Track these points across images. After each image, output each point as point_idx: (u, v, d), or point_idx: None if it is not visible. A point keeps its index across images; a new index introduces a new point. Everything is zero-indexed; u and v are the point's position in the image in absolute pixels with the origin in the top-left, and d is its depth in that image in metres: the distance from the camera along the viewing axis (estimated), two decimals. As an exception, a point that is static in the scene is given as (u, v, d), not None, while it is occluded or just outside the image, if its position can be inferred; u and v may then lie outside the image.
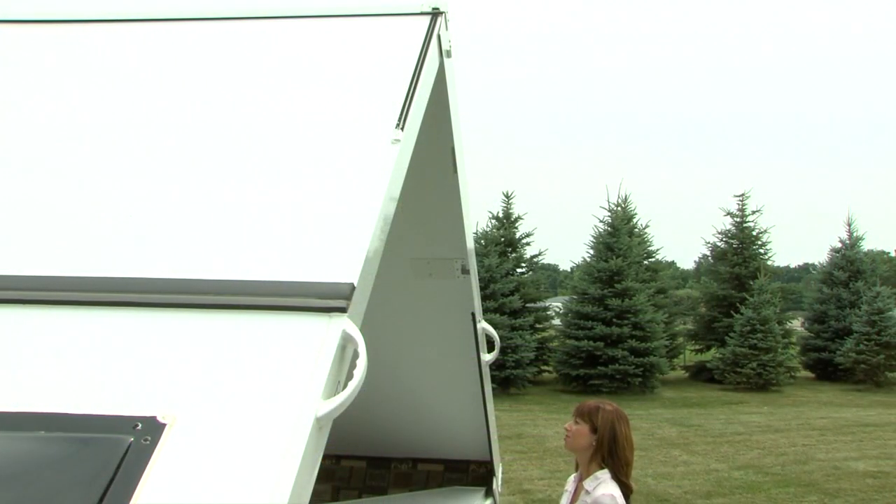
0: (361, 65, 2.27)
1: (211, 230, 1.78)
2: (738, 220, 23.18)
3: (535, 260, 22.08)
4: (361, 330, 1.58)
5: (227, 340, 1.55)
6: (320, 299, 1.57)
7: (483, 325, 3.42)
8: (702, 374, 21.87)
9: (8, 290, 1.63)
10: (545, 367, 20.96)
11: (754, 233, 23.00)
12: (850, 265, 23.14)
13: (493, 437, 3.86)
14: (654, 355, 18.80)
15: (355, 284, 1.59)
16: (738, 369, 19.77)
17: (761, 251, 22.85)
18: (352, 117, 2.10)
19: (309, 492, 1.42)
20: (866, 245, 24.37)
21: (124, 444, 1.34)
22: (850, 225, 23.90)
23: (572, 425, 3.33)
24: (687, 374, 22.87)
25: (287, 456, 1.34)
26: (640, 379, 18.55)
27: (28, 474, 1.32)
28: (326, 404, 1.43)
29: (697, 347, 23.34)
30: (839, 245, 23.97)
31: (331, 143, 2.03)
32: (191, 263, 1.70)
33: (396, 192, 1.93)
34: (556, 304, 24.19)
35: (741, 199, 23.16)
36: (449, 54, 2.38)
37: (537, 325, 20.97)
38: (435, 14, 2.31)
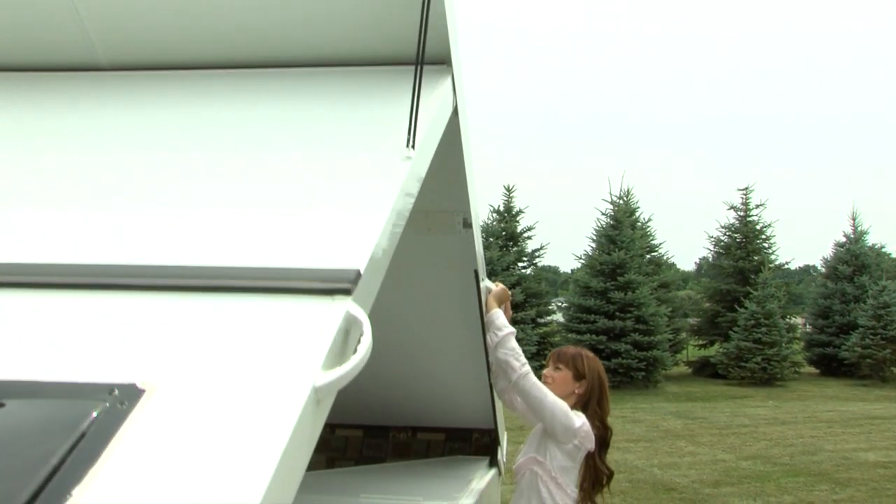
0: None
1: (224, 227, 1.83)
2: (741, 214, 22.92)
3: (536, 254, 21.84)
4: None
5: (225, 319, 1.54)
6: (324, 283, 1.57)
7: (486, 284, 3.19)
8: (705, 370, 21.62)
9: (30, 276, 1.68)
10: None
11: (758, 227, 22.74)
12: (855, 259, 22.90)
13: (499, 404, 3.64)
14: (658, 349, 18.55)
15: (361, 271, 1.59)
16: (743, 364, 19.53)
17: (765, 245, 22.60)
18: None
19: (303, 465, 1.37)
20: (870, 240, 24.11)
21: (97, 409, 1.29)
22: (854, 219, 23.68)
23: (552, 372, 3.13)
24: (690, 370, 22.61)
25: (279, 424, 1.28)
26: (643, 373, 18.31)
27: None
28: (326, 375, 1.39)
29: (701, 343, 23.08)
30: (843, 240, 23.74)
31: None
32: (201, 252, 1.73)
33: (413, 188, 1.98)
34: (558, 301, 23.92)
35: (745, 192, 22.93)
36: None
37: (539, 320, 20.73)
38: None
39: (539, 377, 3.08)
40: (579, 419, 2.97)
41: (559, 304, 22.35)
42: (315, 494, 2.68)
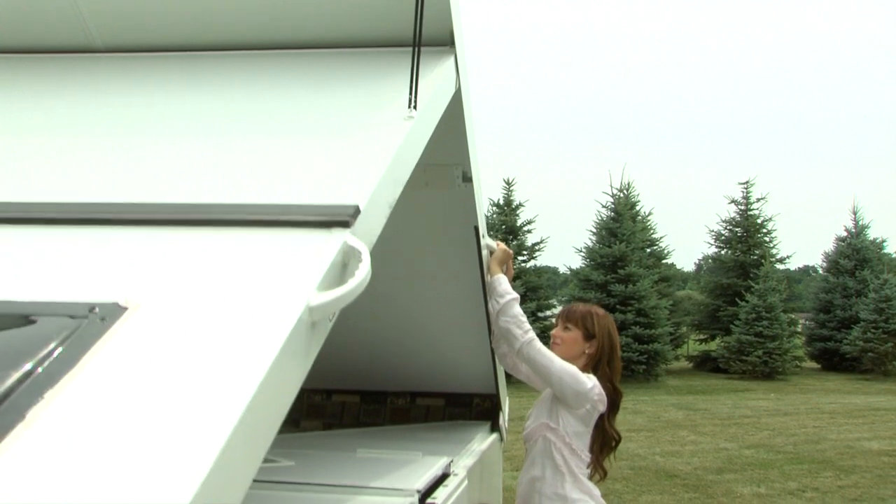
0: None
1: (227, 172, 1.86)
2: (742, 207, 22.79)
3: (536, 248, 21.70)
4: None
5: (220, 250, 1.53)
6: (322, 216, 1.57)
7: (487, 241, 3.08)
8: (706, 365, 21.51)
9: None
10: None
11: (759, 220, 22.62)
12: (856, 254, 22.78)
13: (500, 369, 3.54)
14: (658, 343, 18.44)
15: (361, 207, 1.59)
16: (744, 357, 19.42)
17: (766, 239, 22.47)
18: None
19: (294, 389, 1.32)
20: (871, 234, 23.96)
21: (76, 324, 1.29)
22: (855, 213, 23.57)
23: (561, 332, 3.00)
24: (691, 365, 22.48)
25: (270, 340, 1.25)
26: (643, 366, 18.19)
27: None
28: (321, 296, 1.37)
29: (702, 337, 22.95)
30: (844, 234, 23.62)
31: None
32: (202, 191, 1.76)
33: (416, 144, 2.00)
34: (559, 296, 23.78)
35: (746, 186, 22.80)
36: None
37: (539, 314, 20.60)
38: None
39: (547, 341, 2.97)
40: (590, 381, 2.85)
41: (560, 298, 22.21)
42: (310, 450, 2.58)
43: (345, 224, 1.54)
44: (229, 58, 2.36)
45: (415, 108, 1.98)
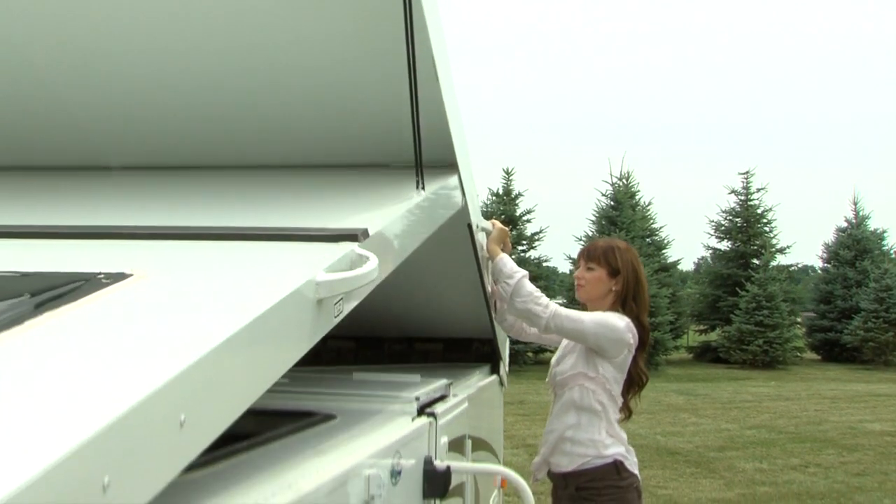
0: None
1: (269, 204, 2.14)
2: (742, 198, 22.69)
3: (535, 237, 21.61)
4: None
5: (239, 253, 1.66)
6: (333, 233, 1.69)
7: (483, 225, 2.99)
8: (706, 355, 21.43)
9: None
10: (547, 347, 20.48)
11: (759, 210, 22.52)
12: (857, 244, 22.70)
13: (496, 323, 3.45)
14: (658, 331, 18.36)
15: (369, 231, 1.69)
16: (744, 346, 19.35)
17: (766, 229, 22.38)
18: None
19: (289, 360, 1.36)
20: (871, 225, 23.86)
21: (83, 283, 1.36)
22: (855, 204, 23.49)
23: (584, 273, 2.90)
24: (691, 356, 22.39)
25: (264, 299, 1.28)
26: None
27: None
28: (328, 275, 1.43)
29: (702, 328, 22.86)
30: (844, 225, 23.54)
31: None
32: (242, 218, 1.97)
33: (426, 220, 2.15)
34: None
35: (746, 176, 22.71)
36: None
37: (538, 304, 20.48)
38: None
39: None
40: (622, 320, 2.76)
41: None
42: (303, 372, 2.50)
43: (353, 238, 1.62)
44: (247, 173, 2.46)
45: (422, 188, 2.09)
